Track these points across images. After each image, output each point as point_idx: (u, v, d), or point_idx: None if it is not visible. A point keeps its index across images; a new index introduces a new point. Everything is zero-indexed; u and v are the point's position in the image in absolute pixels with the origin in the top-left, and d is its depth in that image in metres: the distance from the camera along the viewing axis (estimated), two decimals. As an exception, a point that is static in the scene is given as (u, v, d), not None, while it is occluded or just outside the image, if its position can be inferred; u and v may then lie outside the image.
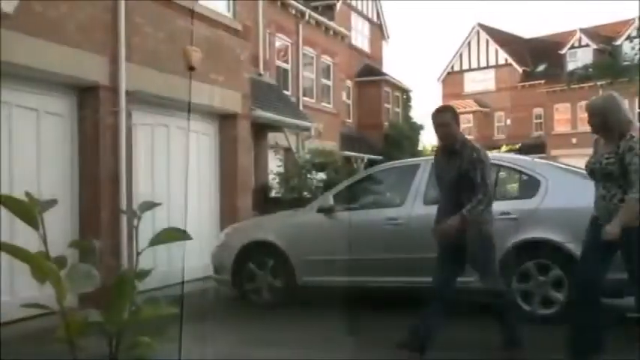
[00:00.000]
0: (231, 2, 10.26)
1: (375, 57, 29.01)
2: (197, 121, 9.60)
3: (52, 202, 1.45)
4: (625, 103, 4.55)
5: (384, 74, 27.94)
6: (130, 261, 7.55)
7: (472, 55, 44.23)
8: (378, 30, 29.58)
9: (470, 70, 44.23)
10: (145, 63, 8.07)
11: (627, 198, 4.24)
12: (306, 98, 19.33)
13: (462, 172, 4.80)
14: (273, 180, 14.17)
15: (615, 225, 4.21)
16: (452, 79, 44.91)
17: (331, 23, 21.17)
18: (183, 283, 6.69)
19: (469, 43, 44.43)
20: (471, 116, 41.80)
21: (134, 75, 7.76)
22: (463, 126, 42.71)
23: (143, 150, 8.39)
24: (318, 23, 20.17)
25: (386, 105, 27.51)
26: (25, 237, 2.40)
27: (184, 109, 9.16)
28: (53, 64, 6.69)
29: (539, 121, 40.55)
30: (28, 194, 1.40)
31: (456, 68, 45.04)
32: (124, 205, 7.54)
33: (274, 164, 14.74)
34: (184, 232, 1.48)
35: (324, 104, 20.85)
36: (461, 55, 44.88)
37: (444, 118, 4.96)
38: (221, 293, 8.10)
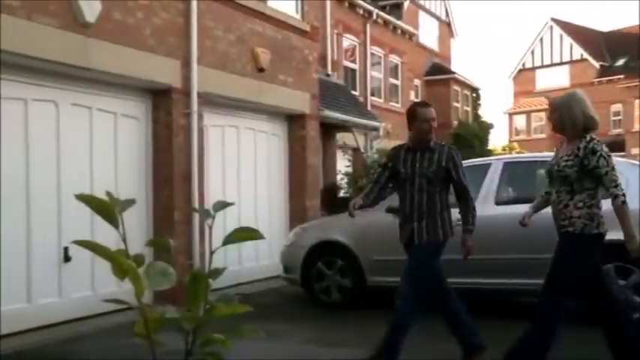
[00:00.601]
0: (299, 3, 10.34)
1: (444, 55, 28.61)
2: (266, 122, 9.73)
3: (131, 202, 1.50)
4: (588, 102, 4.29)
5: (452, 72, 27.52)
6: (202, 260, 7.73)
7: (545, 51, 42.94)
8: (447, 28, 29.16)
9: (542, 66, 42.96)
10: (216, 65, 8.24)
11: (613, 205, 4.03)
12: (374, 98, 19.26)
13: (440, 169, 4.68)
14: (341, 180, 14.19)
15: (632, 242, 3.96)
16: (523, 76, 43.76)
17: (399, 22, 21.01)
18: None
19: (542, 39, 43.17)
20: (543, 114, 40.63)
21: (205, 77, 7.93)
22: (535, 124, 41.62)
23: (214, 151, 8.57)
24: (385, 22, 20.06)
25: (455, 104, 27.09)
26: (103, 235, 2.49)
27: (254, 110, 9.33)
28: (130, 68, 6.94)
29: (617, 118, 38.97)
30: (108, 194, 1.45)
31: (528, 65, 43.84)
32: (195, 206, 7.72)
33: (342, 164, 14.76)
34: (257, 231, 1.50)
35: (392, 104, 20.71)
36: (533, 52, 43.66)
37: (433, 112, 4.86)
38: (290, 292, 8.18)
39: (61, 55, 6.15)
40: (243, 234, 1.50)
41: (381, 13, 19.58)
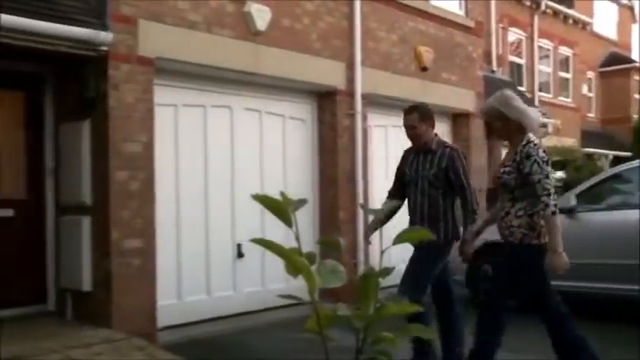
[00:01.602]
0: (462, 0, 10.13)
1: (624, 44, 26.43)
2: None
3: (303, 201, 1.56)
4: (520, 103, 4.05)
5: (633, 62, 25.37)
6: (366, 259, 7.84)
7: None
8: (628, 12, 26.90)
9: None
10: (379, 66, 8.31)
11: (542, 215, 3.81)
12: (542, 93, 18.35)
13: (440, 170, 4.58)
14: (507, 179, 13.68)
15: (555, 258, 3.79)
16: None
17: (570, 11, 19.82)
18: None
19: None
20: None
21: (369, 78, 8.03)
22: None
23: (378, 151, 8.64)
24: (555, 13, 19.02)
25: (636, 96, 24.98)
26: (272, 233, 2.59)
27: (417, 110, 9.27)
28: (297, 72, 7.21)
29: None
30: (282, 194, 1.52)
31: None
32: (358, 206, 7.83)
33: (509, 163, 14.22)
34: (427, 231, 1.50)
35: (562, 99, 19.60)
36: None
37: (409, 119, 4.72)
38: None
39: (236, 63, 6.55)
40: (414, 233, 1.50)
41: (551, 3, 18.59)
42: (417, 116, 4.74)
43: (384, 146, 8.83)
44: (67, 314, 5.93)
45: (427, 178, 4.66)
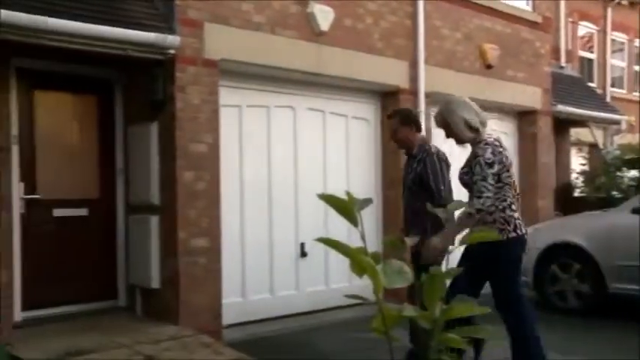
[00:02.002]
0: (530, -6, 9.89)
1: (701, 37, 25.22)
2: (495, 120, 9.44)
3: (369, 201, 1.55)
4: (469, 106, 4.10)
5: None
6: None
7: None
8: None
9: None
10: (443, 64, 8.20)
11: (463, 212, 3.82)
12: (614, 89, 17.67)
13: (416, 175, 4.56)
14: (576, 179, 13.27)
15: (433, 248, 3.89)
16: None
17: (646, 3, 19.02)
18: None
19: None
20: None
21: (432, 77, 7.94)
22: None
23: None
24: (632, 4, 18.29)
25: None
26: (334, 232, 2.60)
27: (482, 108, 9.09)
28: (360, 72, 7.20)
29: None
30: (348, 193, 1.52)
31: None
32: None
33: (577, 162, 13.79)
34: (495, 232, 1.47)
35: (636, 94, 18.85)
36: None
37: (391, 123, 4.74)
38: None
39: (299, 64, 6.60)
40: (482, 233, 1.47)
41: (626, -5, 17.90)
42: (398, 120, 4.74)
43: (448, 146, 8.70)
44: (137, 310, 6.11)
45: (408, 183, 4.69)
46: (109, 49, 5.33)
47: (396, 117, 4.78)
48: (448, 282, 1.54)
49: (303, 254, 6.94)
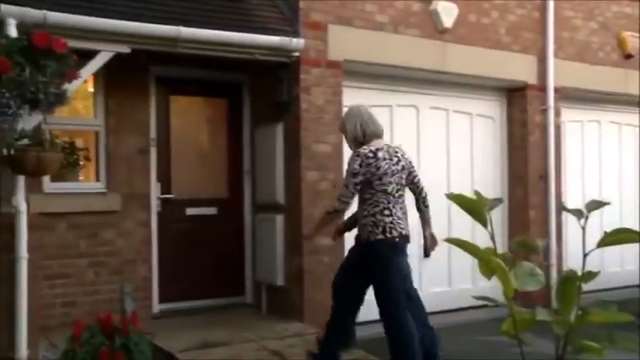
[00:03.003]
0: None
1: None
2: (622, 114, 8.83)
3: (499, 201, 1.51)
4: (363, 118, 4.39)
5: None
6: (559, 261, 7.42)
7: None
8: None
9: None
10: (574, 57, 7.80)
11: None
12: None
13: None
14: None
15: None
16: None
17: None
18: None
19: None
20: None
21: (562, 71, 7.57)
22: None
23: (572, 148, 8.13)
24: None
25: None
26: (457, 232, 2.54)
27: (617, 102, 8.55)
28: (485, 68, 7.01)
29: None
30: (477, 193, 1.49)
31: None
32: (551, 205, 7.43)
33: None
34: (637, 233, 1.37)
35: None
36: None
37: (340, 126, 4.75)
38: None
39: (423, 62, 6.53)
40: (621, 235, 1.38)
41: None
42: (342, 123, 4.68)
43: (580, 143, 8.28)
44: (262, 307, 6.31)
45: None
46: (237, 54, 5.56)
47: (342, 119, 4.82)
48: (583, 285, 1.45)
49: (427, 254, 6.85)
